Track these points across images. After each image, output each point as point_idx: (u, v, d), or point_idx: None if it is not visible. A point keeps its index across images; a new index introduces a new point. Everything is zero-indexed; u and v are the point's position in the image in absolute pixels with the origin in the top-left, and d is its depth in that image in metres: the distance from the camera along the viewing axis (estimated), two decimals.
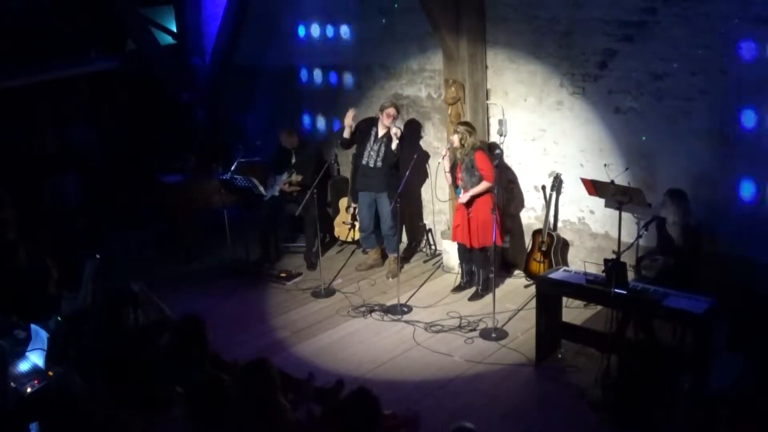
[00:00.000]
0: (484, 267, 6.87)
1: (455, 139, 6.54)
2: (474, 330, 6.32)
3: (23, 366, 4.62)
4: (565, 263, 6.90)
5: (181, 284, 7.47)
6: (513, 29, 6.90)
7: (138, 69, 9.74)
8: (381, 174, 7.27)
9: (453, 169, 6.71)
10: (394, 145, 7.12)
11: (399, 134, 7.08)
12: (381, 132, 7.23)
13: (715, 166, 5.88)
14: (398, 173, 7.32)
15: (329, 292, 7.26)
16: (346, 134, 7.31)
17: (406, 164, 6.95)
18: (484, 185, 6.53)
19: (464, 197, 6.57)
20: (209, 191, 8.43)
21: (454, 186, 6.80)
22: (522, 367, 5.71)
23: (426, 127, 7.89)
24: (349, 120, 7.24)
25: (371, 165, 7.27)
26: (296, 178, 7.74)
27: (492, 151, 7.11)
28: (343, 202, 8.41)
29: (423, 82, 7.79)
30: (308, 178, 7.62)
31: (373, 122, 7.33)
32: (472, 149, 6.52)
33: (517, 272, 7.43)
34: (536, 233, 7.02)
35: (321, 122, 8.99)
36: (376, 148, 7.24)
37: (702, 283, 5.34)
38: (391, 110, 7.12)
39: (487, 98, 7.25)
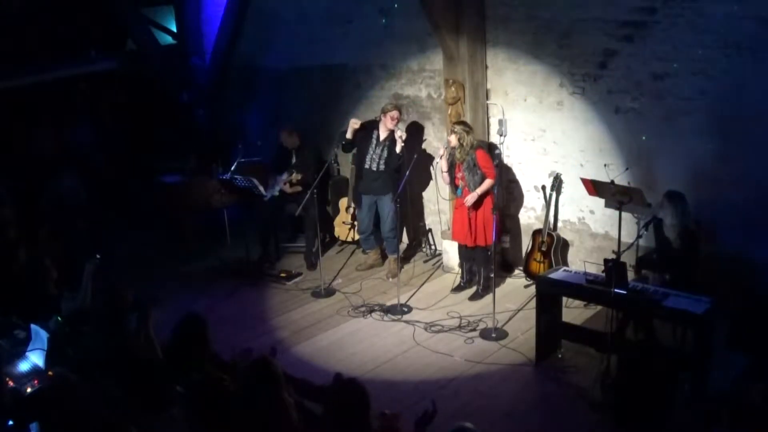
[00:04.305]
0: (485, 266, 6.86)
1: (453, 139, 6.53)
2: (474, 330, 6.32)
3: (23, 366, 4.63)
4: (565, 263, 6.90)
5: (181, 284, 7.48)
6: (513, 29, 6.90)
7: (138, 69, 9.74)
8: (384, 177, 7.22)
9: (451, 169, 6.71)
10: (398, 149, 7.04)
11: (404, 137, 7.01)
12: (383, 135, 7.14)
13: (715, 165, 5.88)
14: (400, 175, 7.31)
15: (329, 292, 7.26)
16: (349, 135, 7.25)
17: (407, 165, 6.94)
18: (488, 183, 6.52)
19: (471, 198, 6.53)
20: (209, 191, 8.44)
21: (453, 186, 6.79)
22: (522, 367, 5.71)
23: (426, 127, 7.88)
24: (356, 124, 7.19)
25: (374, 168, 7.21)
26: (296, 176, 7.73)
27: (491, 151, 7.11)
28: (343, 202, 8.41)
29: (423, 82, 7.79)
30: (308, 178, 7.62)
31: (373, 125, 7.27)
32: (472, 148, 6.51)
33: (517, 272, 7.43)
34: (536, 233, 7.01)
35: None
36: (378, 151, 7.17)
37: (702, 283, 5.33)
38: (395, 113, 7.03)
39: (487, 98, 7.25)
